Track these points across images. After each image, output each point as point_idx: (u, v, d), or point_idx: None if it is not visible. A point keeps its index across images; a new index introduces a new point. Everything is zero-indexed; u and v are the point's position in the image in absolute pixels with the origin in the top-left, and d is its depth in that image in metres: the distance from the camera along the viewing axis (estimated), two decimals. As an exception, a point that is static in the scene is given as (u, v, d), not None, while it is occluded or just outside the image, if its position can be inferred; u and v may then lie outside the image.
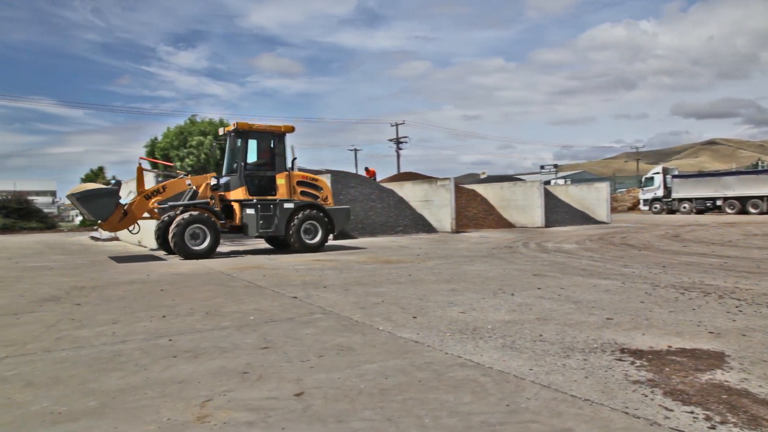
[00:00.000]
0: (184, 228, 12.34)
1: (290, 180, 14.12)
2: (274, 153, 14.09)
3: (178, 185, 13.21)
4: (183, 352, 4.30)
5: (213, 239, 12.66)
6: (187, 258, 12.26)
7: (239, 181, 13.48)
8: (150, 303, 6.55)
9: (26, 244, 19.54)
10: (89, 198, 11.97)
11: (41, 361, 4.12)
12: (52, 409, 3.14)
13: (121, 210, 12.42)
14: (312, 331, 4.95)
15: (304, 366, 3.86)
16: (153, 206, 12.87)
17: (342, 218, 14.95)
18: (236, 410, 3.05)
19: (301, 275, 8.89)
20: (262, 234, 13.75)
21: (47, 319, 5.72)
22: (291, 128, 14.41)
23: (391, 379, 3.53)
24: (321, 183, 14.90)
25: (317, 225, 14.05)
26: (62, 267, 11.25)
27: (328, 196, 14.83)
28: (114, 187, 12.43)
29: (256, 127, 14.00)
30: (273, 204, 13.67)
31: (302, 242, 13.78)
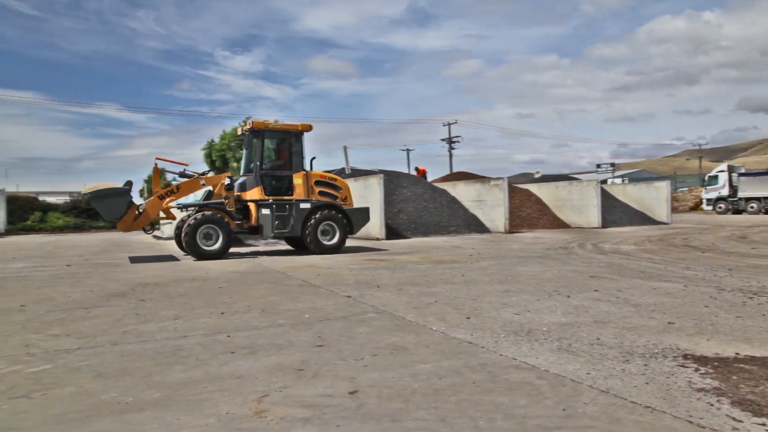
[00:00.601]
0: (195, 228, 12.36)
1: (308, 180, 13.83)
2: (291, 152, 13.84)
3: (192, 185, 13.29)
4: (241, 348, 4.43)
5: (225, 240, 12.61)
6: (199, 258, 12.30)
7: (255, 180, 13.36)
8: (209, 300, 6.76)
9: (94, 242, 20.51)
10: (101, 197, 12.12)
11: (110, 353, 4.33)
12: (120, 399, 3.30)
13: (135, 210, 12.57)
14: (365, 330, 5.00)
15: (358, 364, 3.91)
16: (167, 206, 12.95)
17: (361, 218, 14.52)
18: (292, 406, 3.12)
19: (355, 274, 8.98)
20: (278, 235, 13.52)
21: (114, 313, 5.99)
22: (308, 127, 14.15)
23: (444, 380, 3.53)
24: (340, 183, 14.60)
25: (335, 226, 13.72)
26: (127, 264, 11.74)
27: (347, 196, 14.50)
28: (125, 188, 12.49)
29: (272, 126, 13.85)
30: (289, 204, 13.41)
31: (319, 243, 13.50)
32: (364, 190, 19.54)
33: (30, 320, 5.70)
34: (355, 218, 14.23)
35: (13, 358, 4.24)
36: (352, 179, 21.06)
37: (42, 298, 7.16)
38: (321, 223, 13.52)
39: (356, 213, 14.39)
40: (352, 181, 20.65)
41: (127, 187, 12.46)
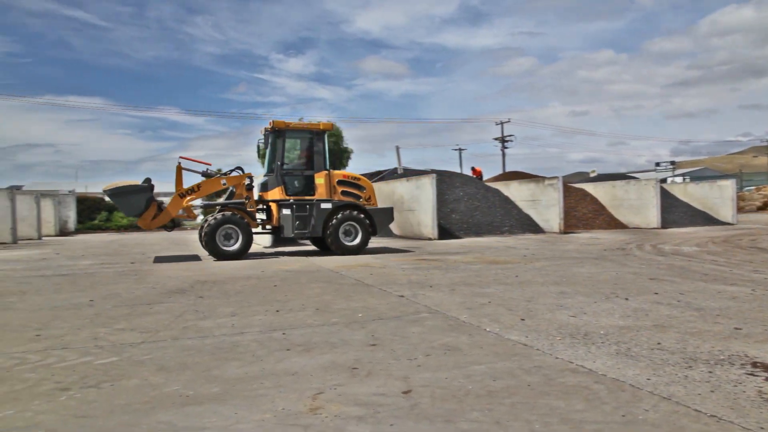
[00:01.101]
0: (215, 228, 12.45)
1: (330, 179, 13.67)
2: (312, 152, 13.67)
3: (213, 185, 13.36)
4: (295, 345, 4.51)
5: (245, 240, 12.64)
6: (218, 258, 12.37)
7: (276, 180, 13.30)
8: (264, 298, 6.91)
9: (155, 241, 21.27)
10: (120, 194, 12.29)
11: (171, 348, 4.49)
12: (181, 392, 3.42)
13: (155, 207, 12.71)
14: (419, 329, 5.01)
15: (411, 364, 3.92)
16: (187, 205, 13.02)
17: (384, 219, 14.25)
18: (346, 404, 3.15)
19: (407, 274, 8.99)
20: (298, 235, 13.39)
21: (175, 309, 6.21)
22: (330, 126, 14.01)
23: (499, 382, 3.49)
24: (363, 182, 14.36)
25: (357, 226, 13.51)
26: (186, 262, 12.12)
27: (371, 196, 14.22)
28: (144, 185, 12.58)
29: (293, 125, 13.72)
30: (309, 204, 13.31)
31: (340, 244, 13.33)
32: (416, 190, 19.52)
33: (98, 315, 5.98)
34: (378, 218, 13.96)
35: (83, 350, 4.45)
36: (404, 179, 21.09)
37: (108, 294, 7.49)
38: (343, 223, 13.34)
39: (379, 213, 14.11)
40: (404, 181, 20.68)
41: (146, 185, 12.60)
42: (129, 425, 2.91)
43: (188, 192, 12.96)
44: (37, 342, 4.78)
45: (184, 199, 12.89)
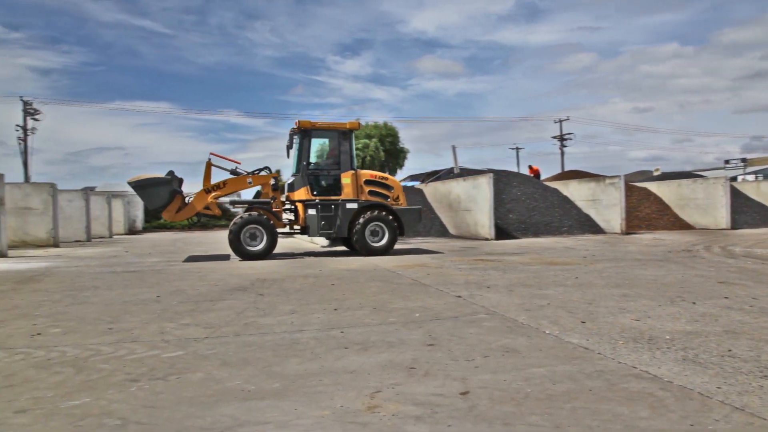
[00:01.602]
0: (239, 229, 12.52)
1: (357, 179, 13.50)
2: (339, 151, 13.51)
3: (239, 183, 13.39)
4: (353, 344, 4.56)
5: (269, 240, 12.64)
6: (243, 258, 12.46)
7: (302, 180, 13.27)
8: (323, 296, 7.02)
9: (216, 239, 21.94)
10: (143, 187, 12.45)
11: (233, 344, 4.62)
12: (243, 386, 3.51)
13: (179, 200, 12.88)
14: (476, 330, 4.97)
15: (469, 365, 3.90)
16: (212, 201, 13.08)
17: (412, 219, 13.89)
18: (404, 403, 3.17)
19: (464, 274, 8.94)
20: (323, 235, 13.33)
21: (237, 306, 6.39)
22: (356, 125, 13.83)
23: (559, 385, 3.43)
24: (391, 182, 14.15)
25: (384, 227, 13.27)
26: (249, 260, 12.43)
27: (399, 196, 13.95)
28: (167, 177, 12.69)
29: (319, 125, 13.56)
30: (335, 204, 13.20)
31: (366, 245, 13.15)
32: (473, 190, 19.36)
33: (165, 310, 6.22)
34: (406, 218, 13.65)
35: (151, 344, 4.65)
36: (461, 179, 20.94)
37: (174, 290, 7.78)
38: (369, 223, 13.14)
39: (407, 213, 13.79)
40: (461, 181, 20.54)
41: (168, 177, 12.68)
42: (194, 417, 3.02)
43: (213, 188, 13.07)
44: (110, 335, 5.02)
45: (209, 194, 13.02)
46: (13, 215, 18.34)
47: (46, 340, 4.88)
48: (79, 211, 23.05)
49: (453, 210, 21.12)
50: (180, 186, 13.46)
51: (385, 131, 51.07)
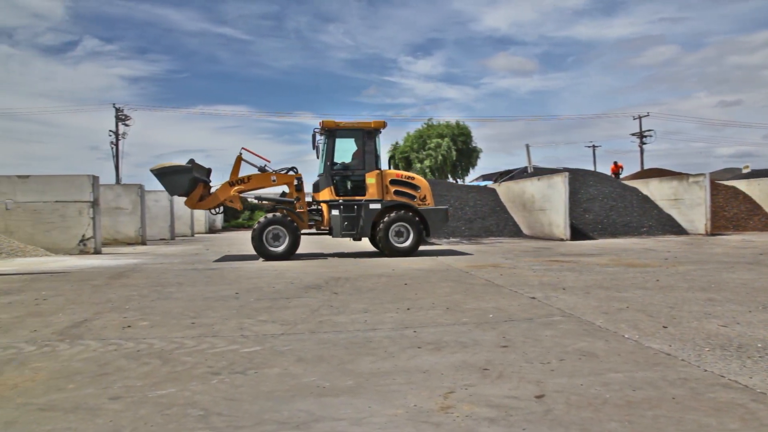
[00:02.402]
0: (262, 229, 12.62)
1: (382, 179, 13.30)
2: (364, 151, 13.34)
3: (263, 180, 13.39)
4: (426, 343, 4.56)
5: (291, 241, 12.66)
6: (266, 259, 12.52)
7: (326, 181, 13.22)
8: (396, 295, 7.06)
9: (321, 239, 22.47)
10: (164, 174, 12.61)
11: (309, 341, 4.73)
12: (318, 383, 3.59)
13: (201, 190, 13.08)
14: (551, 333, 4.85)
15: (544, 368, 3.81)
16: (235, 194, 13.19)
17: (438, 219, 13.55)
18: (477, 405, 3.13)
19: (539, 275, 8.74)
20: (346, 236, 13.20)
21: (311, 304, 6.53)
22: (381, 124, 13.56)
23: (639, 392, 3.29)
24: (418, 181, 13.84)
25: (408, 227, 13.07)
26: (323, 259, 12.68)
27: (426, 196, 13.68)
28: (187, 165, 12.78)
29: (343, 125, 13.44)
30: (357, 205, 13.10)
31: (390, 245, 12.99)
32: (547, 189, 18.91)
33: (243, 306, 6.45)
34: (432, 219, 13.39)
35: (231, 339, 4.83)
36: (535, 178, 20.50)
37: (251, 287, 8.05)
38: (393, 224, 12.98)
39: (433, 213, 13.51)
40: (535, 180, 20.10)
41: (189, 165, 12.79)
42: (271, 411, 3.10)
43: (238, 182, 13.23)
44: (192, 329, 5.25)
45: (233, 188, 13.18)
46: (106, 215, 19.56)
47: (135, 332, 5.16)
48: (164, 210, 24.30)
49: (527, 210, 20.71)
50: (208, 176, 13.80)
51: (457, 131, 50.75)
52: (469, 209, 21.68)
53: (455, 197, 22.27)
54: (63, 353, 4.44)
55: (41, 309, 6.52)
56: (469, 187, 25.87)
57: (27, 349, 4.59)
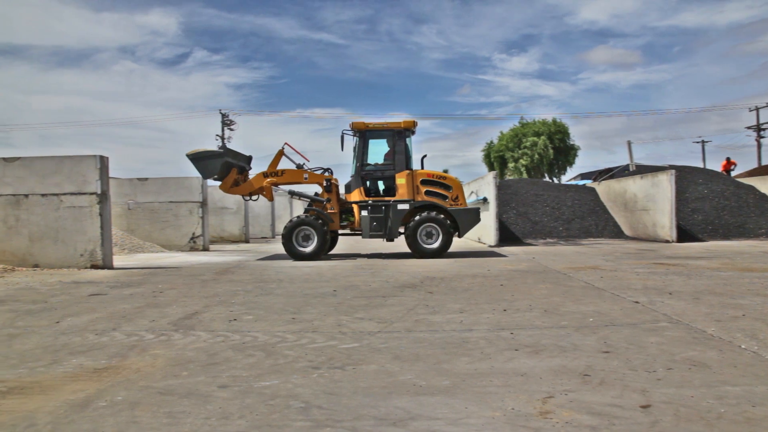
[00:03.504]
0: (291, 230, 12.88)
1: (413, 179, 13.12)
2: (394, 151, 13.21)
3: (296, 175, 13.61)
4: (524, 346, 4.48)
5: (319, 242, 12.81)
6: (295, 259, 12.71)
7: (356, 182, 13.21)
8: (491, 296, 6.98)
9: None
10: (198, 159, 13.05)
11: (405, 339, 4.79)
12: (415, 381, 3.63)
13: (234, 175, 13.42)
14: (657, 340, 4.61)
15: (649, 377, 3.63)
16: (267, 185, 13.55)
17: (469, 220, 13.20)
18: (578, 411, 3.05)
19: (642, 279, 8.32)
20: (374, 236, 13.11)
21: (407, 303, 6.60)
22: (411, 123, 13.35)
23: (760, 409, 3.06)
24: (450, 181, 13.45)
25: (438, 228, 12.80)
26: (417, 258, 12.75)
27: (458, 196, 13.30)
28: (220, 150, 13.22)
29: (372, 125, 13.33)
30: (385, 205, 13.00)
31: (418, 247, 12.81)
32: (651, 188, 17.95)
33: (341, 303, 6.63)
34: (462, 219, 13.08)
35: (329, 335, 4.98)
36: (637, 176, 19.53)
37: (348, 285, 8.25)
38: (421, 224, 12.81)
39: (463, 214, 13.16)
40: (638, 179, 19.13)
41: (221, 150, 13.25)
42: (369, 406, 3.18)
43: (272, 174, 13.57)
44: (293, 324, 5.47)
45: (266, 179, 13.53)
46: (213, 214, 20.77)
47: (240, 325, 5.45)
48: (265, 210, 25.40)
49: (628, 210, 19.76)
50: (248, 163, 14.38)
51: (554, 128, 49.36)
52: (567, 209, 20.99)
53: (552, 197, 21.64)
54: (177, 342, 4.77)
55: (158, 301, 7.04)
56: (566, 186, 25.04)
57: (147, 337, 4.98)
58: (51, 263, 11.43)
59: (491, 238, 17.15)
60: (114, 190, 16.26)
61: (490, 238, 17.25)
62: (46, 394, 3.47)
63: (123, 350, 4.54)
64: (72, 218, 11.42)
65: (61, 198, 11.45)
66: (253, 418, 3.01)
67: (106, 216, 11.58)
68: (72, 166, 11.47)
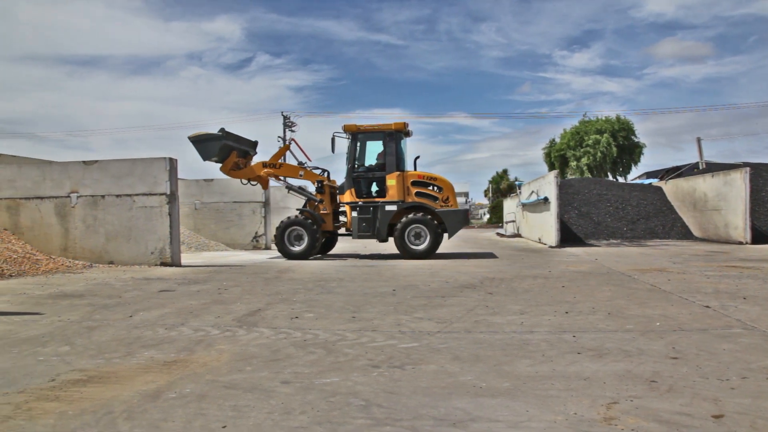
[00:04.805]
0: (283, 230, 13.33)
1: (403, 180, 13.12)
2: (385, 153, 13.31)
3: (292, 170, 14.07)
4: (587, 349, 4.38)
5: (309, 242, 13.17)
6: (288, 258, 13.08)
7: (348, 183, 13.38)
8: (553, 298, 6.85)
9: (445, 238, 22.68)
10: (198, 141, 13.36)
11: (464, 340, 4.77)
12: (475, 383, 3.61)
13: (234, 158, 13.71)
14: (730, 347, 4.41)
15: (722, 385, 3.48)
16: (264, 174, 13.93)
17: (456, 221, 13.11)
18: (644, 419, 2.96)
19: (713, 282, 7.96)
20: (363, 237, 13.22)
21: (467, 303, 6.56)
22: (402, 125, 13.37)
23: (843, 420, 2.89)
24: (441, 182, 13.38)
25: (425, 229, 12.76)
26: (476, 259, 12.67)
27: (449, 197, 13.27)
28: (219, 134, 13.33)
29: (363, 128, 13.48)
30: (374, 206, 13.09)
31: (406, 247, 12.87)
32: (723, 187, 17.15)
33: (400, 303, 6.66)
34: (449, 220, 13.04)
35: (389, 334, 5.02)
36: (707, 174, 18.69)
37: (407, 284, 8.28)
38: (409, 226, 12.86)
39: (451, 215, 13.11)
40: (708, 177, 18.30)
41: (220, 134, 13.37)
42: (428, 406, 3.19)
43: (271, 165, 14.02)
44: (353, 323, 5.54)
45: (264, 169, 13.96)
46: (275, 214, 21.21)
47: (302, 323, 5.57)
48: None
49: (697, 210, 18.94)
50: (253, 148, 14.71)
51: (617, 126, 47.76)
52: (631, 209, 20.32)
53: (616, 196, 20.99)
54: (241, 338, 4.93)
55: (223, 297, 7.28)
56: (631, 185, 24.22)
57: (213, 333, 5.16)
58: (124, 260, 12.01)
59: (552, 239, 16.81)
60: (182, 190, 16.90)
61: (551, 238, 16.91)
62: (122, 384, 3.66)
63: (190, 345, 4.72)
64: (143, 218, 11.96)
65: (133, 198, 12.00)
66: (314, 414, 3.07)
67: (174, 215, 12.05)
68: (144, 168, 12.01)
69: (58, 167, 12.59)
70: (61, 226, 12.27)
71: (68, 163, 12.57)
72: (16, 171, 12.60)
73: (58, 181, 12.34)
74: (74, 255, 12.13)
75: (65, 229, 12.25)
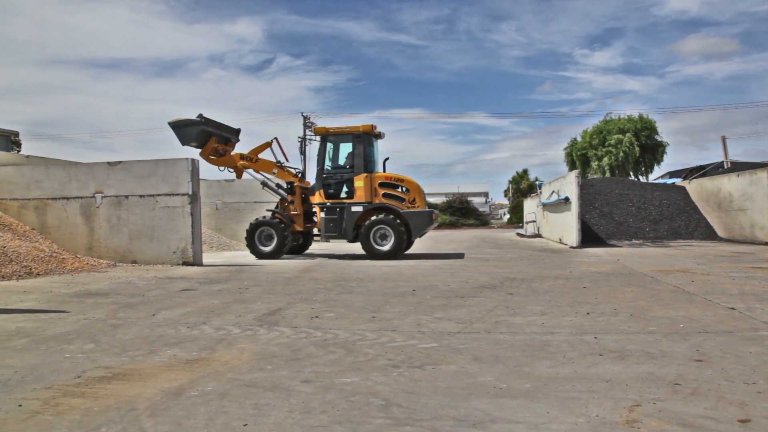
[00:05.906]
0: (253, 230, 13.74)
1: (371, 182, 13.24)
2: (353, 155, 13.48)
3: (266, 166, 14.35)
4: (608, 351, 4.34)
5: (278, 242, 13.62)
6: (258, 258, 13.40)
7: (318, 184, 13.62)
8: (574, 298, 6.79)
9: (466, 238, 22.64)
10: (177, 127, 13.60)
11: (484, 340, 4.75)
12: (495, 383, 3.60)
13: (214, 144, 14.01)
14: (757, 349, 4.33)
15: (748, 389, 3.42)
16: (240, 166, 14.26)
17: (421, 223, 13.07)
18: (668, 422, 2.92)
19: (738, 284, 7.83)
20: (330, 237, 13.49)
21: (486, 304, 6.54)
22: (369, 127, 13.52)
23: None
24: (408, 184, 13.43)
25: (390, 230, 12.87)
26: (496, 259, 12.62)
27: (416, 198, 13.26)
28: (197, 119, 13.52)
29: (332, 130, 13.72)
30: (340, 207, 13.28)
31: (371, 248, 13.01)
32: (748, 187, 16.84)
33: (420, 303, 6.66)
34: (414, 222, 13.03)
35: (409, 334, 5.03)
36: (733, 174, 18.37)
37: (427, 285, 8.27)
38: (374, 226, 12.98)
39: (416, 216, 13.12)
40: (733, 177, 17.98)
41: (199, 120, 13.56)
42: (448, 407, 3.19)
43: (247, 158, 14.31)
44: (373, 323, 5.55)
45: (240, 160, 14.26)
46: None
47: (322, 322, 5.60)
48: (344, 209, 25.83)
49: (722, 210, 18.62)
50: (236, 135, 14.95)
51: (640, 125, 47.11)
52: (654, 209, 20.05)
53: (638, 196, 20.73)
54: (262, 337, 4.97)
55: (244, 297, 7.35)
56: (653, 185, 23.90)
57: (234, 332, 5.21)
58: (147, 259, 12.17)
59: (573, 239, 16.66)
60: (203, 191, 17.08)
61: (572, 238, 16.76)
62: (145, 381, 3.72)
63: (212, 343, 4.78)
64: (166, 217, 12.11)
65: (156, 198, 12.16)
66: (334, 414, 3.09)
67: (196, 215, 12.19)
68: (166, 169, 12.16)
69: (84, 168, 12.82)
70: (86, 225, 12.48)
71: (93, 164, 12.80)
72: (44, 172, 12.85)
73: (84, 181, 12.56)
74: (99, 254, 12.34)
75: (90, 229, 12.47)
